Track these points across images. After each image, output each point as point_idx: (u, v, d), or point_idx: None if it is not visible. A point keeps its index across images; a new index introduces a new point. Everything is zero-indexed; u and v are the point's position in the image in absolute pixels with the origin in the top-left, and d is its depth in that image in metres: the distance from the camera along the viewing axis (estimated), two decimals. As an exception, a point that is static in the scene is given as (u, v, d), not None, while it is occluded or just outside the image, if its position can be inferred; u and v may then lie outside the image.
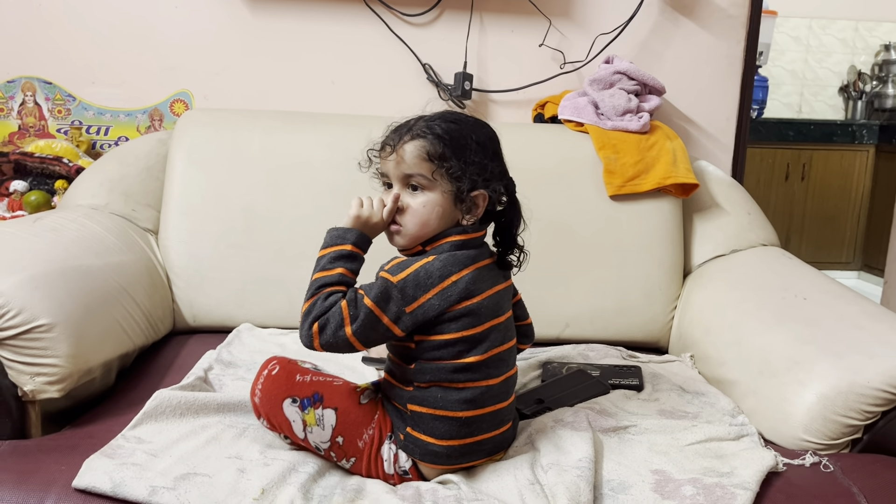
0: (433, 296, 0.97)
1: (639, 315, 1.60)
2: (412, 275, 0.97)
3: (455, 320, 0.98)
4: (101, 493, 0.94)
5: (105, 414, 1.17)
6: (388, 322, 0.97)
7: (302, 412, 1.02)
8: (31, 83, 1.86)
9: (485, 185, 1.01)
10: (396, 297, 0.97)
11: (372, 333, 0.97)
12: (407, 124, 1.03)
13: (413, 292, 0.97)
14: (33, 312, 1.10)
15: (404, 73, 1.87)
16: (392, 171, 1.03)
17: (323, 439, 1.02)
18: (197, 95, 1.87)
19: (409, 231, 1.02)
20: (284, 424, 1.03)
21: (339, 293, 0.99)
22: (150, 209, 1.62)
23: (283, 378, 1.03)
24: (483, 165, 1.01)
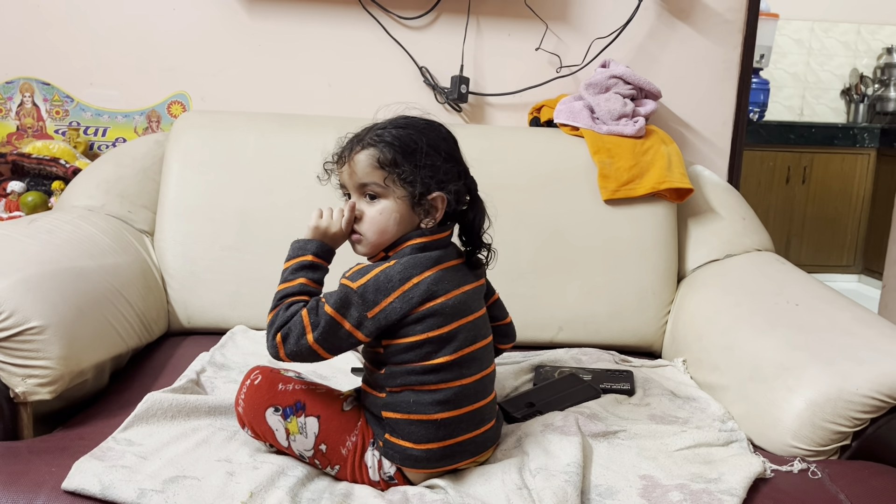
0: (394, 299, 0.98)
1: (632, 319, 1.60)
2: (372, 280, 0.98)
3: (419, 321, 0.99)
4: (90, 496, 0.94)
5: (97, 416, 1.18)
6: (350, 328, 0.97)
7: (284, 421, 1.02)
8: (29, 84, 1.86)
9: (440, 186, 1.01)
10: (357, 302, 0.97)
11: (334, 340, 0.98)
12: (358, 135, 1.05)
13: (374, 297, 0.97)
14: (25, 314, 1.10)
15: (401, 76, 1.88)
16: (348, 182, 1.05)
17: (306, 447, 1.03)
18: (194, 97, 1.88)
19: (370, 239, 1.03)
20: (268, 433, 1.03)
21: (300, 303, 1.00)
22: (146, 210, 1.63)
23: (265, 388, 1.04)
24: (436, 167, 1.01)
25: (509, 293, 1.21)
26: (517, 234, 1.58)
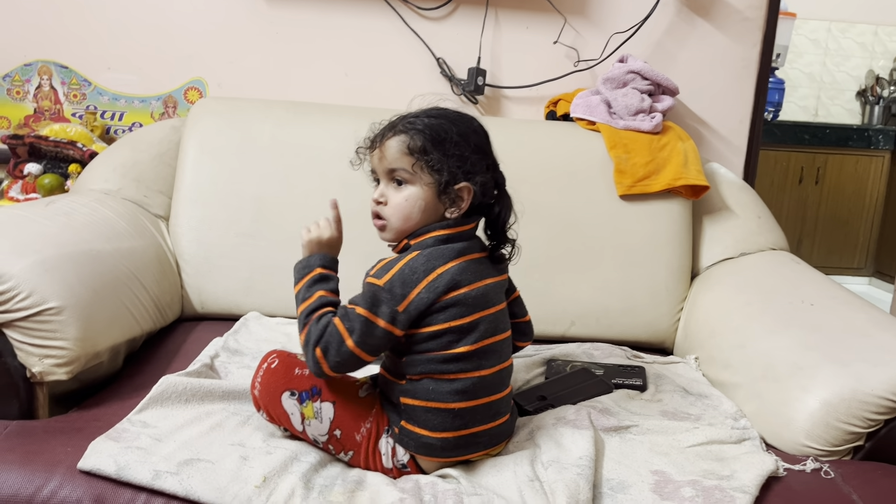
0: (422, 290, 0.98)
1: (645, 315, 1.60)
2: (397, 274, 0.98)
3: (443, 311, 0.99)
4: (105, 476, 0.95)
5: (112, 397, 1.19)
6: (385, 325, 0.98)
7: (300, 405, 1.03)
8: (47, 67, 1.87)
9: (467, 177, 1.02)
10: (386, 298, 0.98)
11: (372, 340, 0.98)
12: (391, 122, 1.06)
13: (401, 290, 0.98)
14: (43, 295, 1.11)
15: (418, 66, 1.88)
16: (377, 167, 1.06)
17: (321, 432, 1.03)
18: (211, 83, 1.88)
19: (394, 225, 1.04)
20: (283, 417, 1.04)
21: (328, 314, 1.00)
22: (161, 195, 1.63)
23: (281, 371, 1.05)
24: (464, 158, 1.02)
25: (523, 286, 1.21)
26: (531, 228, 1.57)
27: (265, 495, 0.94)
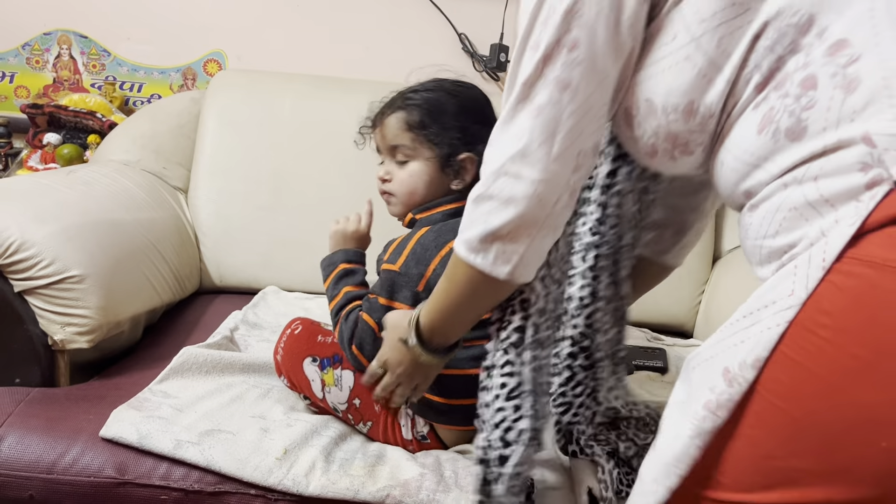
0: (437, 265, 0.98)
1: (665, 298, 1.58)
2: (410, 254, 0.99)
3: None
4: (127, 444, 0.96)
5: (132, 367, 1.19)
6: (407, 307, 0.98)
7: (321, 372, 1.04)
8: (67, 36, 1.86)
9: (468, 147, 1.01)
10: (404, 282, 0.99)
11: None
12: (390, 99, 1.06)
13: (417, 269, 0.98)
14: (65, 263, 1.11)
15: (439, 42, 1.85)
16: (380, 145, 1.07)
17: (340, 400, 1.04)
18: (230, 56, 1.87)
19: (400, 199, 1.05)
20: (304, 383, 1.04)
21: (356, 308, 1.02)
22: (180, 167, 1.63)
23: (304, 338, 1.06)
24: (464, 128, 1.01)
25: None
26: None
27: (286, 467, 0.94)
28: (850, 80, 0.58)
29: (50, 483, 0.94)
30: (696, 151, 0.71)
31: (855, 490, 0.57)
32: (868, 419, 0.55)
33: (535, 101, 0.70)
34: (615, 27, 0.68)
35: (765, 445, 0.61)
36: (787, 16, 0.62)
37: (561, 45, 0.68)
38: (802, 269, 0.58)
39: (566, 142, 0.71)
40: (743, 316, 0.62)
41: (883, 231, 0.55)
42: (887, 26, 0.58)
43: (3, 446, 0.95)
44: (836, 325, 0.56)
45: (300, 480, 0.93)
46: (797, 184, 0.61)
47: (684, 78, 0.67)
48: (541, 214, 0.73)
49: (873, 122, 0.57)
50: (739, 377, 0.60)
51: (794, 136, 0.61)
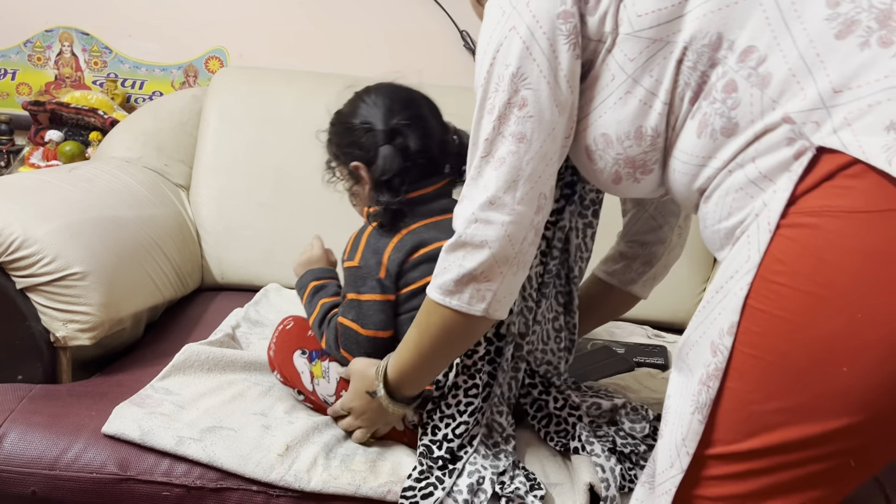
0: (392, 251, 1.02)
1: (666, 295, 1.57)
2: (366, 247, 1.03)
3: (415, 268, 1.02)
4: (129, 440, 0.96)
5: (134, 364, 1.19)
6: (377, 296, 1.01)
7: (310, 364, 1.06)
8: (68, 33, 1.86)
9: (347, 158, 1.07)
10: (365, 273, 1.02)
11: (375, 317, 1.01)
12: None
13: (375, 259, 1.02)
14: (67, 260, 1.11)
15: (441, 39, 1.85)
16: None
17: (329, 392, 1.05)
18: (232, 53, 1.87)
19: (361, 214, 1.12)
20: (294, 377, 1.06)
21: (334, 315, 1.05)
22: (182, 165, 1.63)
23: (295, 332, 1.09)
24: (349, 143, 1.07)
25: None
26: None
27: (287, 463, 0.94)
28: (762, 78, 0.70)
29: (52, 479, 0.94)
30: (655, 169, 0.81)
31: (827, 422, 0.63)
32: (829, 349, 0.62)
33: (497, 155, 0.81)
34: (555, 83, 0.79)
35: (745, 395, 0.67)
36: (699, 38, 0.73)
37: (512, 105, 0.80)
38: (754, 237, 0.67)
39: (527, 186, 0.81)
40: (716, 291, 0.70)
41: (818, 188, 0.64)
42: (783, 30, 0.69)
43: (6, 443, 0.95)
44: (789, 270, 0.64)
45: (302, 476, 0.93)
46: (739, 168, 0.71)
47: (629, 108, 0.78)
48: (511, 253, 0.83)
49: (789, 105, 0.67)
50: (720, 346, 0.68)
51: (728, 133, 0.72)
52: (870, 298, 0.60)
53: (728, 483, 0.69)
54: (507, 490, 0.92)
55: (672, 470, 0.72)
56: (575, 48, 0.79)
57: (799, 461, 0.65)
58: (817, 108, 0.66)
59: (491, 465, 0.95)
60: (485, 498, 0.92)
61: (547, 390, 1.05)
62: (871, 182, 0.61)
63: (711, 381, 0.68)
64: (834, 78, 0.65)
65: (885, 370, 0.60)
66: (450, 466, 0.95)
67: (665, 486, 0.73)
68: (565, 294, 1.06)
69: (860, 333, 0.61)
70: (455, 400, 0.97)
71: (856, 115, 0.63)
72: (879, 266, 0.60)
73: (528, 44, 0.78)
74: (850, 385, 0.62)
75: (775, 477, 0.67)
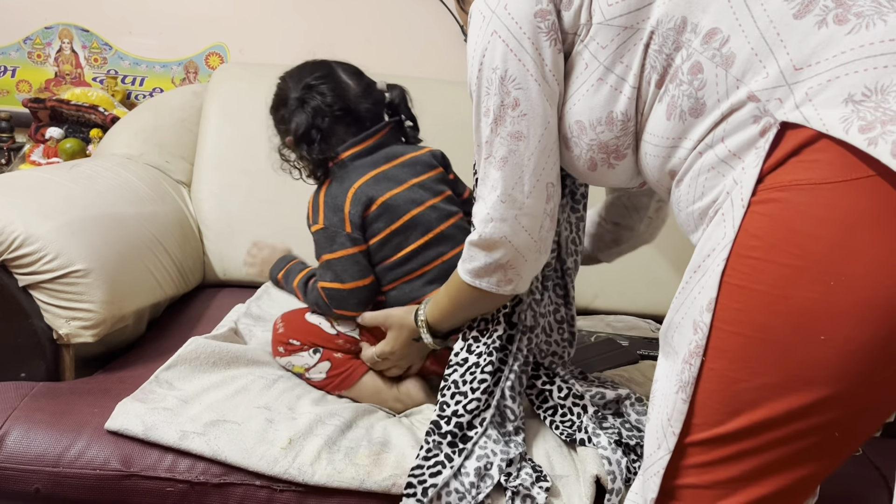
0: (350, 206, 1.08)
1: (670, 289, 1.54)
2: (324, 207, 1.10)
3: (376, 220, 1.08)
4: (132, 436, 0.96)
5: (136, 361, 1.19)
6: (349, 250, 1.08)
7: (324, 316, 1.13)
8: (68, 30, 1.86)
9: (283, 139, 1.17)
10: (332, 232, 1.09)
11: (353, 268, 1.08)
12: None
13: (337, 216, 1.08)
14: (70, 257, 1.11)
15: (441, 33, 1.85)
16: None
17: (351, 327, 1.12)
18: (232, 49, 1.87)
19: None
20: (312, 331, 1.12)
21: (312, 283, 1.12)
22: (183, 161, 1.63)
23: (299, 311, 1.17)
24: (279, 121, 1.17)
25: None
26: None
27: (291, 456, 0.94)
28: (726, 58, 0.72)
29: (55, 476, 0.94)
30: (628, 154, 0.84)
31: (811, 393, 0.64)
32: (807, 318, 0.63)
33: (499, 155, 0.86)
34: (542, 79, 0.83)
35: (728, 373, 0.68)
36: (665, 23, 0.76)
37: (505, 106, 0.84)
38: (728, 214, 0.69)
39: (533, 179, 0.86)
40: (693, 271, 0.72)
41: (785, 164, 0.66)
42: (744, 11, 0.71)
43: (9, 440, 0.95)
44: (764, 245, 0.65)
45: (305, 469, 0.93)
46: (709, 148, 0.73)
47: (601, 95, 0.81)
48: (530, 242, 0.89)
49: (753, 83, 0.70)
50: (700, 323, 0.69)
51: (696, 114, 0.74)
52: (841, 266, 0.62)
53: (716, 468, 0.70)
54: (512, 482, 0.92)
55: (660, 451, 0.73)
56: (556, 43, 0.82)
57: (785, 437, 0.66)
58: (780, 86, 0.68)
59: (501, 450, 0.96)
60: (491, 483, 0.92)
61: (551, 380, 1.06)
62: (834, 154, 0.63)
63: (693, 359, 0.69)
64: (794, 56, 0.68)
65: (860, 336, 0.61)
66: (459, 445, 0.96)
67: (653, 468, 0.74)
68: (562, 287, 1.08)
69: (835, 300, 0.62)
70: (464, 378, 1.00)
71: (816, 91, 0.65)
72: (848, 233, 0.62)
73: (512, 46, 0.82)
74: (829, 353, 0.63)
75: (763, 457, 0.67)
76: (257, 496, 0.94)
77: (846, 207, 0.62)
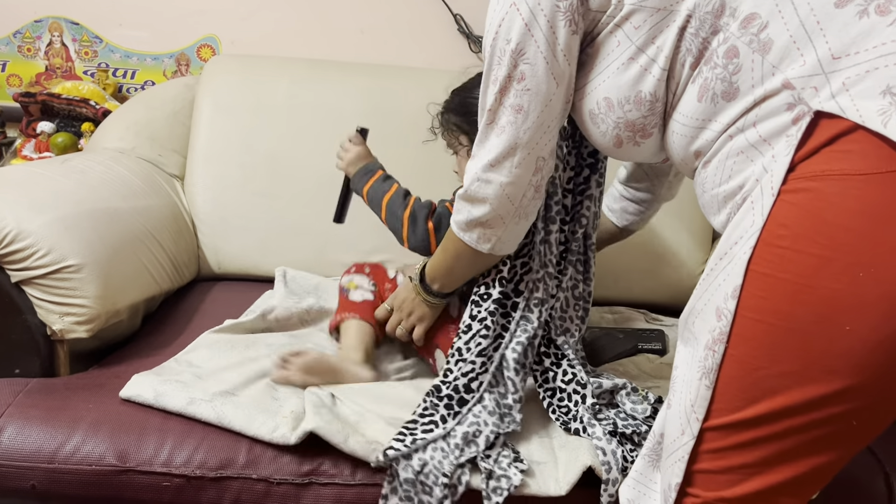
0: None
1: (665, 277, 1.58)
2: None
3: None
4: (143, 402, 1.00)
5: (132, 355, 1.19)
6: None
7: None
8: (58, 23, 1.84)
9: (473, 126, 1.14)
10: None
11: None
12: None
13: None
14: (62, 253, 1.10)
15: (435, 23, 1.83)
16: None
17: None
18: (224, 40, 1.85)
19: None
20: (379, 271, 1.29)
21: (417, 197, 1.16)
22: (176, 154, 1.62)
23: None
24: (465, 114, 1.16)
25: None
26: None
27: (292, 425, 0.97)
28: (763, 44, 0.72)
29: (52, 472, 0.94)
30: (654, 133, 0.86)
31: (832, 383, 0.64)
32: (833, 308, 0.63)
33: (499, 123, 0.89)
34: (553, 58, 0.85)
35: (749, 360, 0.68)
36: (703, 6, 0.76)
37: (512, 79, 0.86)
38: (758, 202, 0.69)
39: (524, 152, 0.90)
40: (719, 258, 0.72)
41: (818, 153, 0.66)
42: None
43: (4, 437, 0.95)
44: (793, 234, 0.65)
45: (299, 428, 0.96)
46: (740, 132, 0.74)
47: (629, 74, 0.82)
48: (510, 208, 0.94)
49: (789, 70, 0.70)
50: (725, 309, 0.69)
51: (729, 97, 0.75)
52: (871, 257, 0.61)
53: (731, 454, 0.70)
54: (489, 464, 0.94)
55: (683, 437, 0.74)
56: (571, 24, 0.83)
57: (803, 426, 0.66)
58: (816, 74, 0.67)
59: (494, 423, 0.98)
60: (476, 450, 0.95)
61: (558, 362, 1.07)
62: (869, 145, 0.63)
63: (716, 346, 0.70)
64: (833, 45, 0.67)
65: (886, 328, 0.62)
66: (455, 408, 1.00)
67: (677, 453, 0.74)
68: (583, 262, 1.11)
69: (862, 292, 0.62)
70: (468, 346, 1.03)
71: (853, 81, 0.65)
72: (879, 226, 0.61)
73: (528, 22, 0.83)
74: (853, 344, 0.63)
75: (779, 445, 0.68)
76: (254, 489, 0.95)
77: (879, 200, 0.62)
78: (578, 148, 1.09)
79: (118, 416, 0.99)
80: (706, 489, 0.73)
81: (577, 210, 1.10)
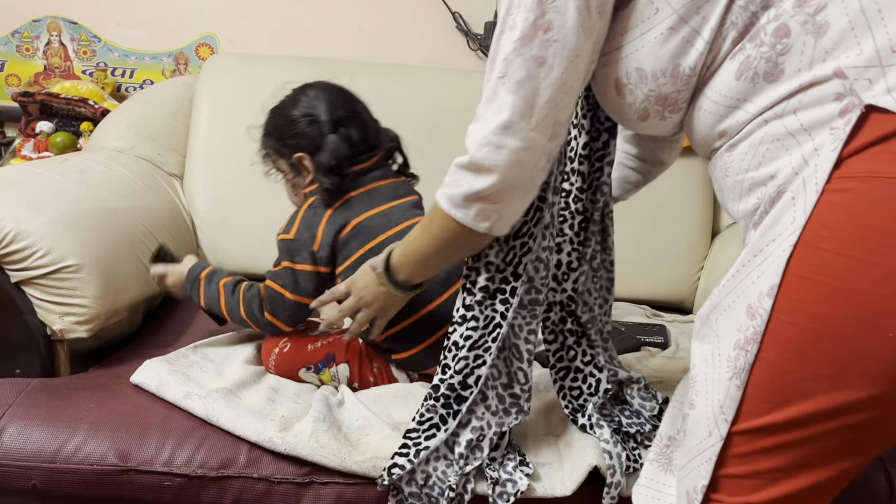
0: (325, 225, 1.09)
1: (665, 274, 1.58)
2: (301, 222, 1.11)
3: (352, 240, 1.09)
4: (147, 390, 1.03)
5: (132, 355, 1.18)
6: (309, 267, 1.09)
7: (318, 375, 1.12)
8: (56, 23, 1.84)
9: (290, 150, 1.14)
10: (298, 245, 1.09)
11: (305, 284, 1.09)
12: None
13: (309, 232, 1.09)
14: (62, 253, 1.10)
15: (433, 21, 1.83)
16: None
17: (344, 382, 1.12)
18: (222, 39, 1.85)
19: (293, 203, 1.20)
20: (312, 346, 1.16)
21: (250, 285, 1.13)
22: (175, 154, 1.61)
23: (293, 352, 1.14)
24: (279, 137, 1.16)
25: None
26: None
27: (278, 428, 0.96)
28: (819, 26, 0.66)
29: (53, 472, 0.94)
30: (683, 108, 0.79)
31: (865, 389, 0.62)
32: (875, 312, 0.60)
33: (515, 77, 0.76)
34: (585, 10, 0.74)
35: (781, 363, 0.65)
36: None
37: (536, 27, 0.75)
38: (800, 198, 0.64)
39: (543, 112, 0.77)
40: (753, 255, 0.68)
41: (865, 151, 0.62)
42: None
43: (5, 437, 0.95)
44: (836, 236, 0.62)
45: (289, 440, 0.95)
46: (778, 118, 0.68)
47: (670, 46, 0.74)
48: (520, 179, 0.81)
49: (843, 58, 0.65)
50: (759, 308, 0.66)
51: (771, 79, 0.69)
52: None
53: (758, 459, 0.68)
54: (494, 472, 0.93)
55: (710, 439, 0.71)
56: None
57: (832, 431, 0.64)
58: (872, 66, 0.63)
59: (497, 422, 0.94)
60: (481, 456, 0.93)
61: (578, 341, 1.02)
62: None
63: (750, 346, 0.66)
64: (893, 36, 0.63)
65: None
66: (454, 406, 0.94)
67: (704, 455, 0.72)
68: (601, 232, 1.02)
69: None
70: (462, 336, 0.93)
71: None
72: None
73: None
74: (894, 350, 0.60)
75: (806, 450, 0.66)
76: (255, 489, 0.95)
77: None
78: (595, 110, 0.97)
79: (119, 415, 0.99)
80: (730, 494, 0.71)
81: (595, 177, 0.99)
